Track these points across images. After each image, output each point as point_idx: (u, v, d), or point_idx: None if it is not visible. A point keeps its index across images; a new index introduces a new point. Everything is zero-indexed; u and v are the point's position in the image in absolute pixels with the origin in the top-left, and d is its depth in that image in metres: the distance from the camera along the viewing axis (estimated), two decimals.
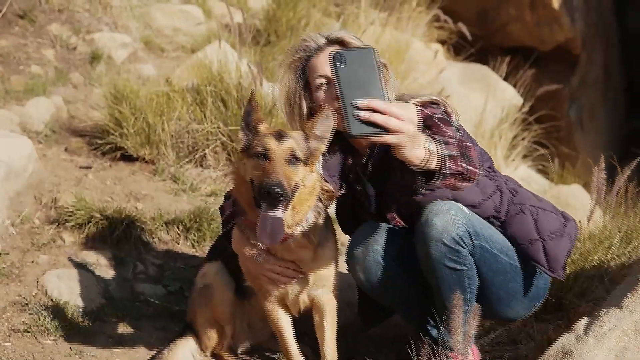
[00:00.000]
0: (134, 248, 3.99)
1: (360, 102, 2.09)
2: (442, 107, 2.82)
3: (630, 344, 2.64)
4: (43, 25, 5.75)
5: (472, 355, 2.93)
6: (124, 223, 4.00)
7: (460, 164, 2.37)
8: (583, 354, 2.65)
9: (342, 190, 3.05)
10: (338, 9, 7.26)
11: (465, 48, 7.83)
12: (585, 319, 2.80)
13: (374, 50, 2.13)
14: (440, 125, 2.58)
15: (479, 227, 2.75)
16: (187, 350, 3.23)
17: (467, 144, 2.50)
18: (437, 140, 2.33)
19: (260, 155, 2.64)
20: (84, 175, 4.49)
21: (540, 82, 7.44)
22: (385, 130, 2.10)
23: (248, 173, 2.67)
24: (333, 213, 3.23)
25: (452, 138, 2.46)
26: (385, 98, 2.10)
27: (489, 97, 6.95)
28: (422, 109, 2.65)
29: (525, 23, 9.13)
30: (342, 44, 2.92)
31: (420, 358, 2.43)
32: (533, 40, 9.14)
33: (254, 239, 2.74)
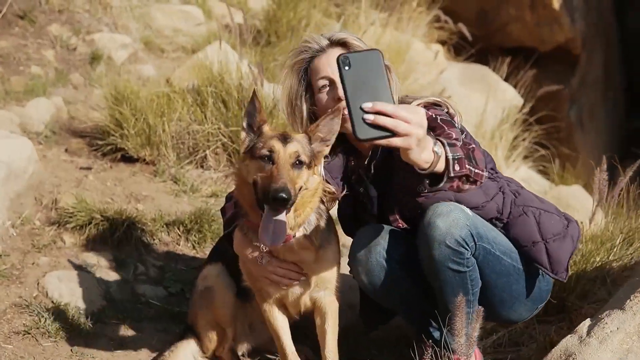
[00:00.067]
0: (135, 249, 3.99)
1: (368, 105, 2.04)
2: (445, 108, 2.81)
3: (634, 346, 2.63)
4: (43, 26, 5.74)
5: (474, 358, 2.92)
6: (125, 224, 3.99)
7: (467, 167, 2.35)
8: (586, 357, 2.65)
9: (344, 192, 3.04)
10: (338, 10, 7.24)
11: (466, 49, 7.82)
12: (588, 321, 2.80)
13: (380, 53, 2.09)
14: (444, 127, 2.56)
15: (482, 229, 2.74)
16: (188, 353, 3.23)
17: (472, 146, 2.48)
18: (443, 143, 2.31)
19: (265, 158, 2.62)
20: (85, 177, 4.48)
21: (541, 82, 7.42)
22: (393, 134, 2.07)
23: (251, 174, 2.65)
24: (335, 214, 3.22)
25: (457, 140, 2.45)
26: (393, 101, 2.07)
27: (490, 97, 6.94)
28: (425, 111, 2.63)
29: (525, 23, 9.11)
30: (344, 46, 2.92)
31: None
32: (533, 41, 9.13)
33: (256, 241, 2.73)
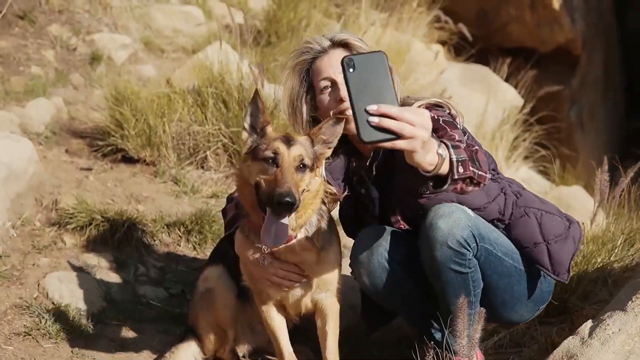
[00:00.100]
0: (135, 250, 3.98)
1: (373, 108, 2.03)
2: (446, 109, 2.81)
3: (636, 348, 2.63)
4: (43, 26, 5.73)
5: (476, 359, 2.92)
6: (125, 225, 3.99)
7: (471, 169, 2.35)
8: (588, 358, 2.64)
9: (345, 192, 3.03)
10: (339, 10, 7.23)
11: (466, 49, 7.81)
12: (590, 323, 2.79)
13: (385, 55, 2.08)
14: (446, 128, 2.55)
15: (484, 230, 2.73)
16: (189, 354, 3.22)
17: (475, 148, 2.48)
18: (447, 145, 2.31)
19: (269, 160, 2.60)
20: (85, 177, 4.47)
21: (541, 83, 7.42)
22: (398, 136, 2.05)
23: (253, 176, 2.63)
24: (336, 215, 3.22)
25: (460, 142, 2.44)
26: (397, 103, 2.06)
27: (490, 98, 6.93)
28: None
29: (526, 23, 9.11)
30: (346, 46, 2.91)
31: None
32: (533, 41, 9.12)
33: (258, 242, 2.73)
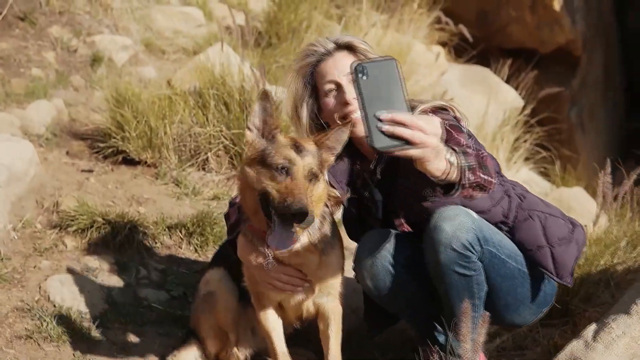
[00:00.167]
0: (137, 253, 3.96)
1: (384, 115, 2.02)
2: (451, 112, 2.80)
3: (639, 351, 2.63)
4: (44, 28, 5.72)
5: None
6: (127, 227, 3.97)
7: (479, 175, 2.34)
8: None
9: (348, 194, 3.02)
10: (339, 11, 7.22)
11: (467, 50, 7.81)
12: (594, 326, 2.79)
13: (396, 62, 2.08)
14: (452, 132, 2.54)
15: (488, 232, 2.73)
16: (191, 357, 3.22)
17: (483, 153, 2.47)
18: (456, 151, 2.30)
19: (280, 169, 2.55)
20: (86, 179, 4.45)
21: (542, 84, 7.42)
22: (409, 144, 2.05)
23: (261, 183, 2.57)
24: (339, 218, 3.21)
25: (468, 147, 2.43)
26: (408, 110, 2.05)
27: (491, 99, 6.92)
28: (432, 116, 2.62)
29: (526, 24, 9.09)
30: (351, 49, 2.90)
31: None
32: (533, 42, 9.11)
33: (261, 246, 2.71)
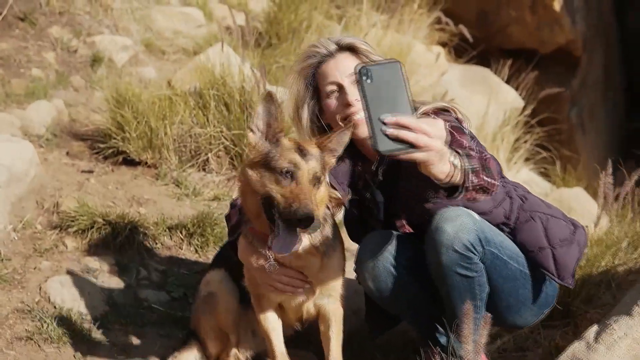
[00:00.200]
0: (137, 254, 3.95)
1: (389, 118, 2.01)
2: (453, 114, 2.80)
3: None
4: (44, 28, 5.71)
5: None
6: (127, 228, 3.96)
7: (483, 178, 2.33)
8: None
9: (349, 196, 3.02)
10: (339, 12, 7.21)
11: (467, 51, 7.80)
12: (595, 327, 2.78)
13: (400, 64, 2.06)
14: (455, 134, 2.53)
15: (490, 233, 2.72)
16: (191, 358, 3.21)
17: (486, 155, 2.46)
18: (460, 154, 2.29)
19: (285, 173, 2.52)
20: (86, 180, 4.44)
21: (542, 84, 7.41)
22: (414, 147, 2.04)
23: (264, 186, 2.55)
24: (340, 219, 3.20)
25: (471, 150, 2.42)
26: (413, 113, 2.04)
27: (491, 100, 6.91)
28: (434, 117, 2.61)
29: (526, 25, 9.08)
30: (353, 50, 2.89)
31: None
32: (533, 42, 9.10)
33: (262, 248, 2.70)
